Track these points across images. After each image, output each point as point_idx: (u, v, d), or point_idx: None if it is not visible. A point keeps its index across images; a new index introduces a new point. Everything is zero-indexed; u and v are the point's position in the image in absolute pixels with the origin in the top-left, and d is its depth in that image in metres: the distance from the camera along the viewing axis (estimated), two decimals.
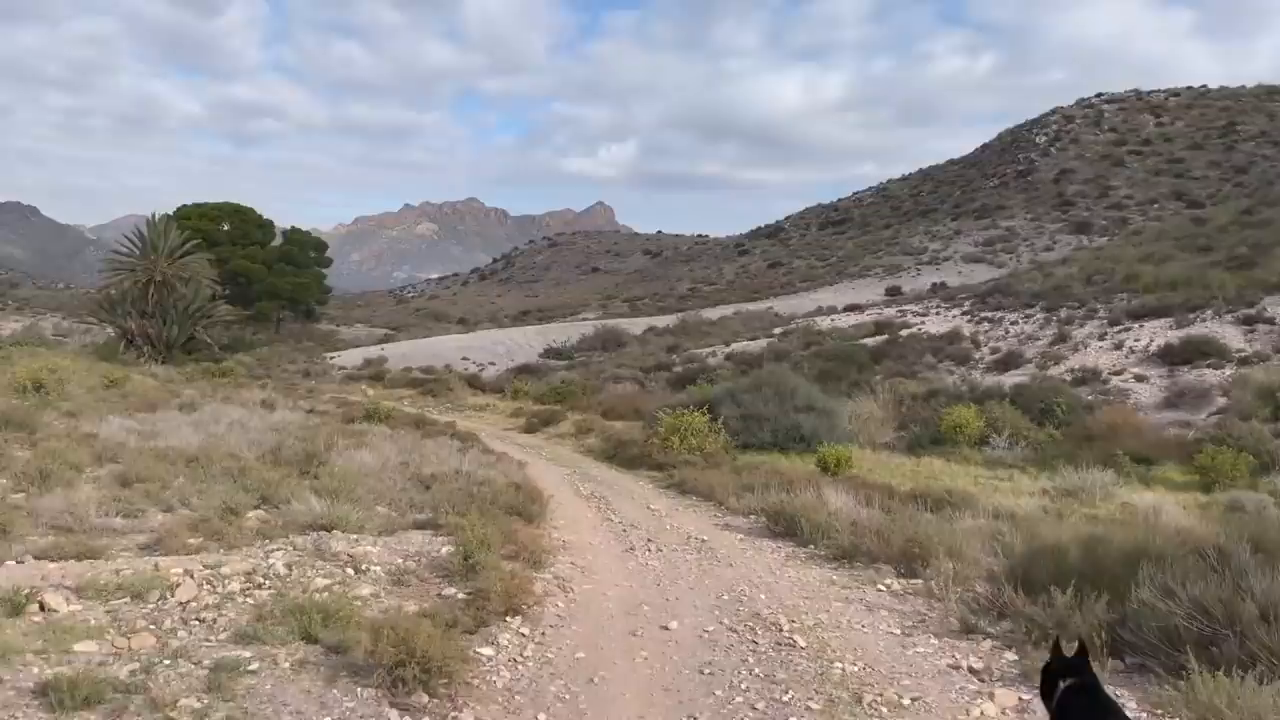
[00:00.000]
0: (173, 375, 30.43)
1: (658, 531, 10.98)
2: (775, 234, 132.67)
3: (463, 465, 14.58)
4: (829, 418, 23.34)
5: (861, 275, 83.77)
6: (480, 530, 7.15)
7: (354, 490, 10.27)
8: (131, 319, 45.69)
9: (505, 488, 11.71)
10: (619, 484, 16.72)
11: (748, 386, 24.06)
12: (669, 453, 19.59)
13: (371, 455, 14.49)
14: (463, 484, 12.33)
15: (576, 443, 23.65)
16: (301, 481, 10.35)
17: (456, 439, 20.01)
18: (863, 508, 13.30)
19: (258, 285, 71.85)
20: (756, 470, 18.01)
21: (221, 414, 19.79)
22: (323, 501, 8.86)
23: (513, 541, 7.97)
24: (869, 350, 34.83)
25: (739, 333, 47.95)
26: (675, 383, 34.44)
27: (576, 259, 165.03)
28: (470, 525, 7.35)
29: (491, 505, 9.45)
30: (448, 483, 12.37)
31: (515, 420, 28.35)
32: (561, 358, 47.35)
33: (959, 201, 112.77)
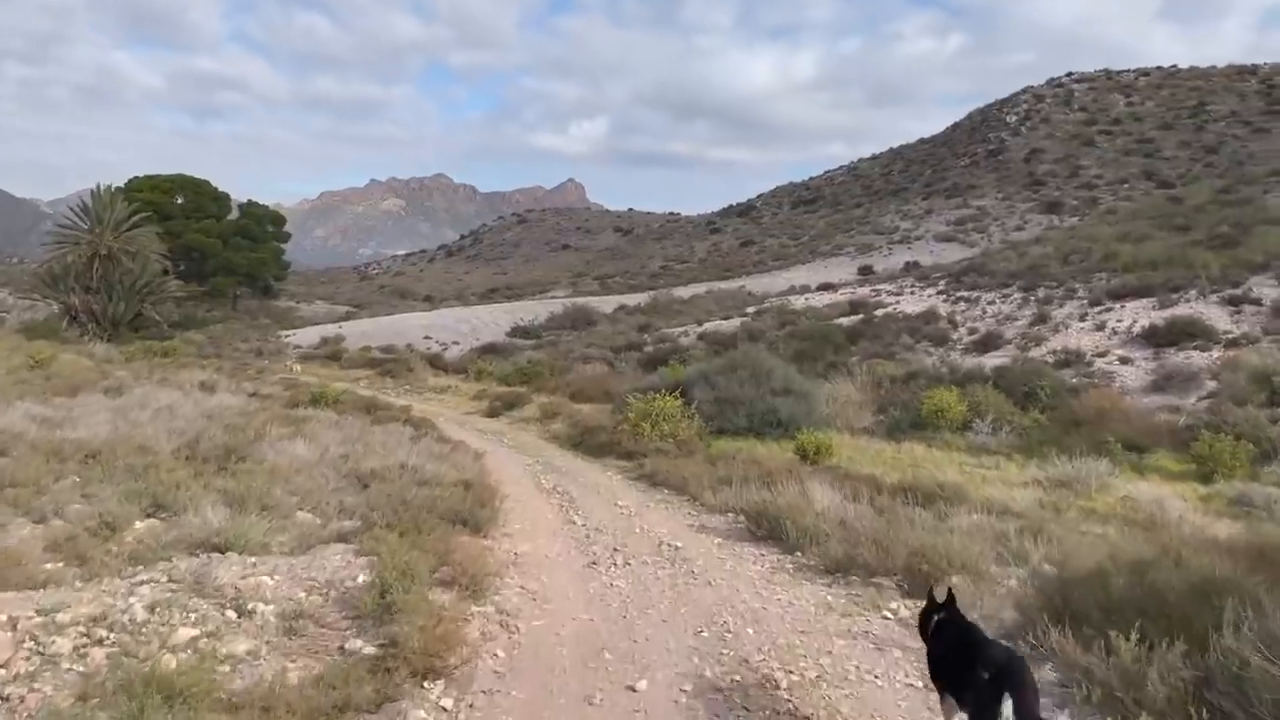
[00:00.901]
0: (112, 354, 28.64)
1: (626, 536, 9.70)
2: (747, 212, 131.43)
3: (411, 458, 13.19)
4: (807, 401, 22.18)
5: (834, 254, 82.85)
6: (403, 556, 5.81)
7: (272, 493, 8.89)
8: (75, 294, 43.54)
9: (454, 487, 10.36)
10: (585, 476, 15.42)
11: (722, 368, 22.80)
12: (639, 440, 18.30)
13: (307, 447, 13.06)
14: (406, 482, 10.97)
15: (542, 428, 22.31)
16: (212, 482, 8.93)
17: (410, 426, 18.59)
18: (850, 503, 12.15)
19: (212, 260, 69.44)
20: (733, 460, 16.78)
21: (152, 398, 18.22)
22: (227, 510, 7.48)
23: (450, 561, 6.64)
24: (845, 330, 33.73)
25: (712, 312, 46.72)
26: (646, 363, 33.16)
27: (546, 236, 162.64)
28: (391, 550, 6.01)
29: (431, 512, 8.09)
30: (389, 481, 10.99)
31: (478, 404, 26.93)
32: (529, 337, 45.83)
33: (930, 181, 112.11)
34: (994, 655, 4.03)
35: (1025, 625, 5.91)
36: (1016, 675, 3.84)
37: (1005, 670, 3.86)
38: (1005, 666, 3.89)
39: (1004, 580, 7.60)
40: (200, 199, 72.68)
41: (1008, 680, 3.79)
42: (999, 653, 4.08)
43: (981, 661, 3.95)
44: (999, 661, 3.93)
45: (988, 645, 4.18)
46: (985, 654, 4.04)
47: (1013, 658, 4.05)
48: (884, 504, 12.52)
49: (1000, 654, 4.06)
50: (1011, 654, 4.13)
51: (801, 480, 13.50)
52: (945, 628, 4.44)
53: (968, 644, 4.20)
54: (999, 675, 3.83)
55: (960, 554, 7.78)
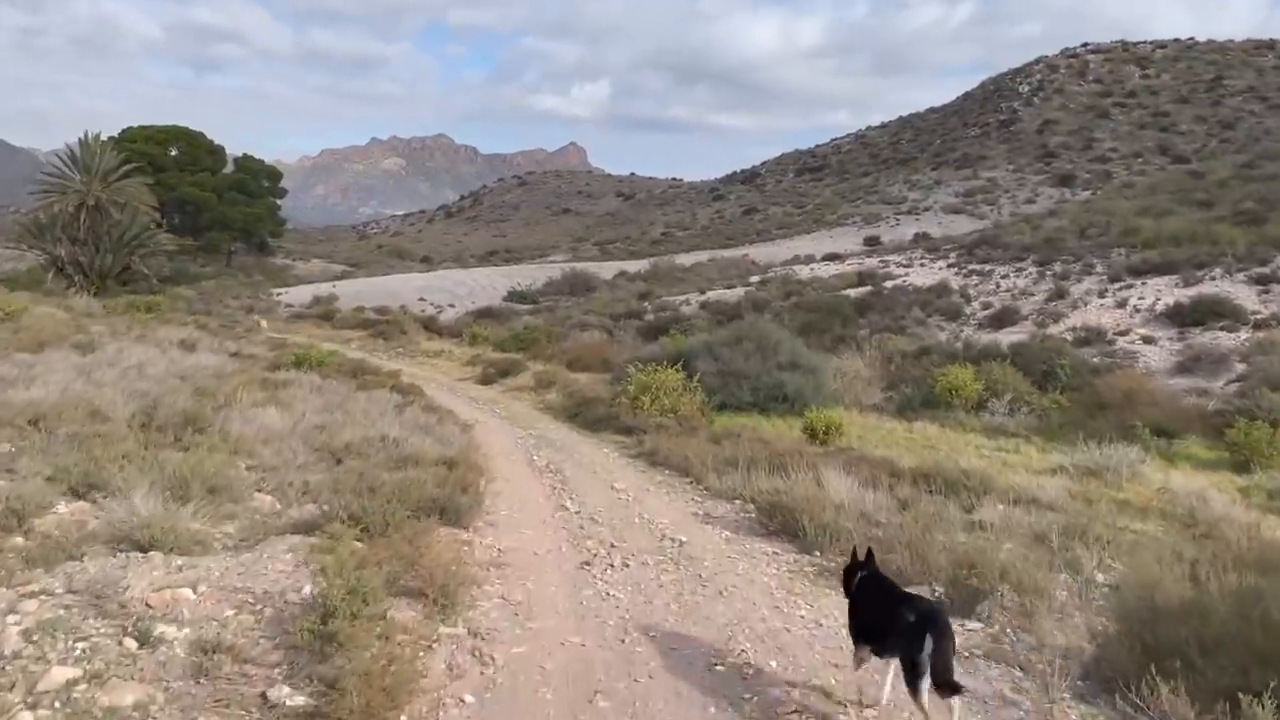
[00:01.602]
0: (93, 308, 27.50)
1: (624, 527, 8.67)
2: (751, 180, 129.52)
3: (393, 430, 12.16)
4: (814, 376, 21.15)
5: (839, 224, 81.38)
6: (354, 571, 4.75)
7: (228, 471, 7.83)
8: (62, 245, 42.24)
9: (435, 467, 9.30)
10: (580, 452, 14.39)
11: (726, 340, 21.73)
12: (638, 414, 17.27)
13: (281, 415, 12.01)
14: (384, 459, 9.92)
15: (536, 397, 21.26)
16: (161, 457, 7.87)
17: (397, 393, 17.53)
18: (868, 491, 11.15)
19: (207, 214, 67.99)
20: (737, 438, 15.76)
21: (124, 356, 17.15)
22: (166, 494, 6.42)
23: (419, 565, 5.59)
24: (853, 302, 32.57)
25: (714, 280, 45.49)
26: (646, 332, 32.04)
27: (547, 199, 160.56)
28: (339, 562, 4.96)
29: (404, 500, 7.03)
30: (365, 457, 9.95)
31: (471, 369, 25.87)
32: (526, 301, 44.60)
33: (939, 151, 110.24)
34: (918, 604, 4.48)
35: (1109, 664, 4.89)
36: (937, 621, 4.24)
37: (927, 616, 4.27)
38: (927, 613, 4.32)
39: (1061, 595, 6.58)
40: (195, 151, 71.06)
41: (929, 624, 4.18)
42: (922, 602, 4.55)
43: (908, 608, 4.38)
44: (922, 609, 4.36)
45: (912, 596, 4.66)
46: (911, 602, 4.49)
47: (934, 606, 4.54)
48: (906, 494, 11.54)
49: (923, 603, 4.52)
50: (934, 604, 4.69)
51: (815, 468, 12.49)
52: (868, 583, 4.86)
53: (893, 596, 4.64)
54: (921, 620, 4.22)
55: (1011, 564, 6.74)
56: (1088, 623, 5.91)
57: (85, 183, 42.57)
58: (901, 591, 4.78)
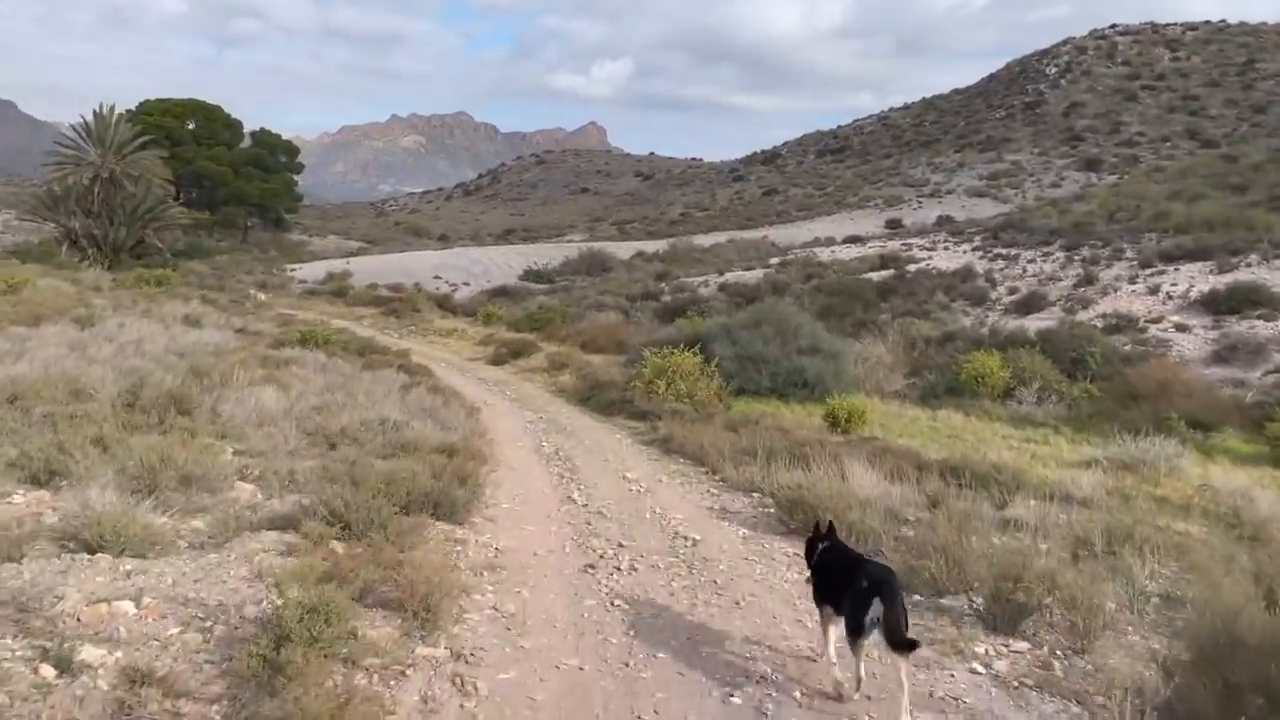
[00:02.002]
0: (102, 281, 27.09)
1: (634, 523, 8.08)
2: (771, 160, 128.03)
3: (395, 413, 11.61)
4: (835, 362, 20.47)
5: (860, 206, 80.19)
6: (315, 589, 4.16)
7: (208, 458, 7.28)
8: (76, 218, 41.93)
9: (434, 454, 8.73)
10: (592, 437, 13.80)
11: (745, 323, 21.06)
12: (653, 399, 16.66)
13: (277, 396, 11.47)
14: (380, 444, 9.37)
15: (548, 379, 20.68)
16: (136, 441, 7.33)
17: (403, 372, 17.00)
18: (893, 485, 10.54)
19: (223, 189, 67.63)
20: (755, 425, 15.14)
21: (125, 331, 16.69)
22: (130, 484, 5.87)
23: (400, 571, 5.01)
24: (875, 286, 31.77)
25: (733, 261, 44.70)
26: (663, 314, 31.37)
27: (566, 178, 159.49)
28: (300, 572, 4.38)
29: (395, 493, 6.47)
30: (360, 443, 9.40)
31: (483, 349, 25.31)
32: (542, 281, 43.98)
33: (963, 133, 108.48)
34: (871, 570, 4.75)
35: (1183, 703, 4.25)
36: (887, 585, 4.50)
37: (878, 581, 4.52)
38: (878, 579, 4.56)
39: (1109, 606, 5.94)
40: (212, 125, 70.66)
41: (880, 589, 4.44)
42: (875, 569, 4.80)
43: (863, 574, 4.66)
44: (874, 576, 4.61)
45: (868, 562, 4.93)
46: (865, 569, 4.75)
47: (887, 573, 4.74)
48: (934, 489, 10.91)
49: (876, 570, 4.77)
50: (886, 570, 4.81)
51: (837, 456, 11.87)
52: (829, 553, 5.18)
53: (850, 563, 4.90)
54: (873, 585, 4.49)
55: (1057, 574, 6.09)
56: (1146, 643, 5.28)
57: (100, 155, 42.19)
58: (856, 558, 5.05)
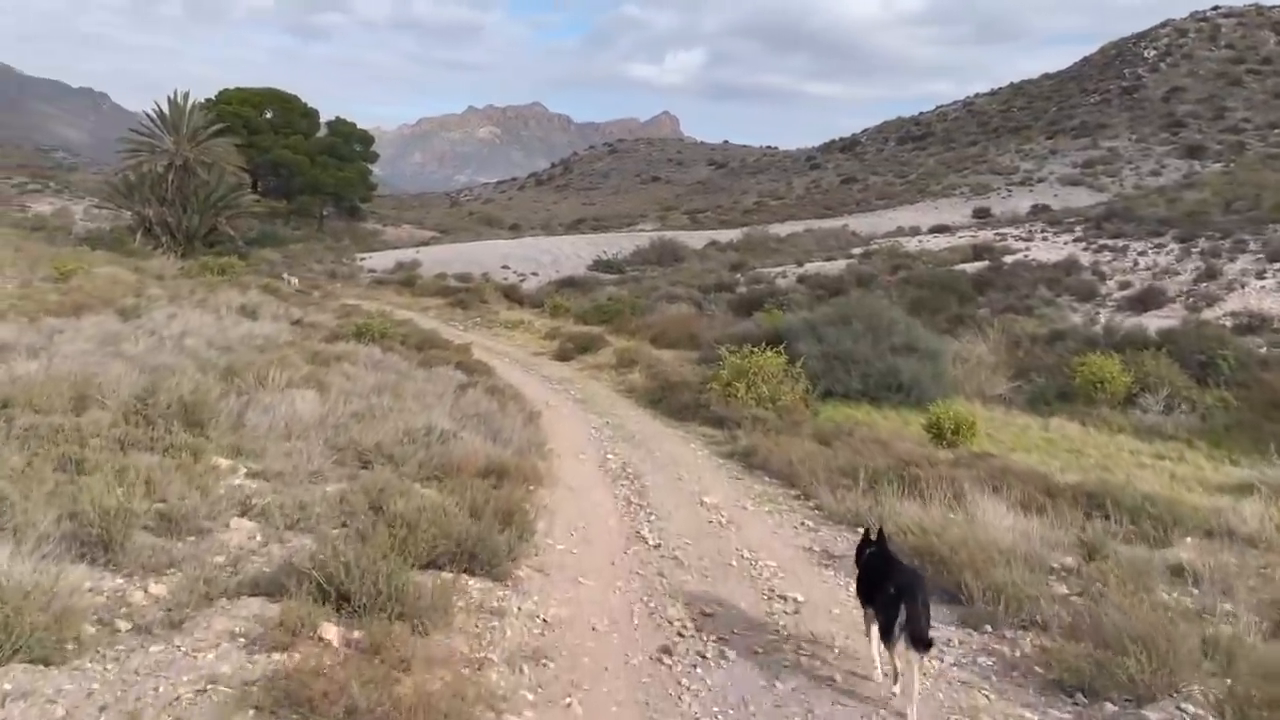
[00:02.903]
0: (167, 269, 26.54)
1: (719, 575, 6.53)
2: (850, 148, 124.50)
3: (444, 420, 10.23)
4: (933, 362, 18.56)
5: (945, 194, 76.83)
6: None
7: (208, 483, 5.96)
8: (150, 206, 41.98)
9: (479, 479, 7.29)
10: (664, 449, 12.26)
11: (831, 318, 19.28)
12: (731, 403, 15.05)
13: (314, 400, 10.20)
14: (422, 462, 7.98)
15: (616, 377, 19.20)
16: (119, 465, 6.04)
17: (462, 370, 15.72)
18: (1029, 520, 8.84)
19: (299, 177, 67.85)
20: (849, 437, 13.42)
21: (172, 323, 15.76)
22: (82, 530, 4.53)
23: (399, 688, 3.55)
24: (970, 278, 29.51)
25: (812, 251, 42.62)
26: (738, 306, 29.63)
27: (637, 167, 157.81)
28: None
29: (416, 545, 5.02)
30: (397, 462, 8.01)
31: (549, 343, 23.97)
32: (611, 271, 42.51)
33: (1054, 119, 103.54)
34: (899, 576, 5.12)
35: None
36: (912, 591, 4.87)
37: (905, 587, 4.89)
38: (905, 584, 4.94)
39: None
40: (289, 114, 70.97)
41: (905, 594, 4.82)
42: (904, 574, 5.16)
43: (891, 579, 5.06)
44: (901, 581, 4.99)
45: (899, 569, 5.25)
46: (895, 574, 5.13)
47: (914, 578, 5.11)
48: (1074, 520, 9.14)
49: (904, 575, 5.13)
50: (914, 575, 5.19)
51: (952, 481, 10.13)
52: (873, 556, 5.52)
53: (885, 568, 5.26)
54: (900, 590, 4.88)
55: None
56: None
57: (174, 142, 42.14)
58: (894, 566, 5.27)
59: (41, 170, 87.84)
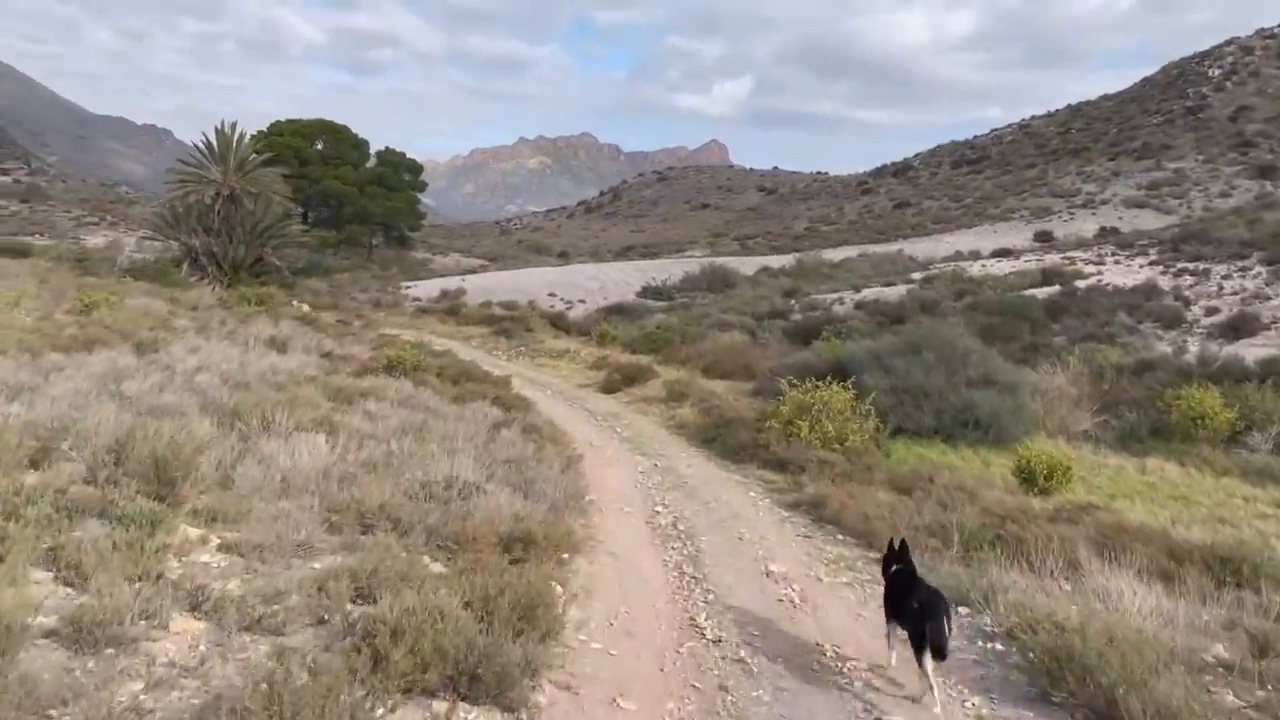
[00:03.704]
0: (203, 300, 25.86)
1: (798, 687, 5.11)
2: (903, 172, 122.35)
3: (468, 469, 8.95)
4: (1013, 396, 16.87)
5: (1004, 218, 74.62)
6: None
7: (155, 566, 4.73)
8: (196, 236, 41.80)
9: (499, 550, 5.97)
10: (719, 497, 10.84)
11: (900, 347, 17.73)
12: (793, 443, 13.58)
13: (324, 446, 8.99)
14: (432, 528, 6.68)
15: (666, 412, 17.83)
16: (56, 538, 4.84)
17: (498, 406, 14.47)
18: (1157, 591, 7.28)
19: (349, 207, 67.99)
20: (929, 485, 11.86)
21: (191, 357, 14.77)
22: None
23: None
24: (1042, 304, 27.67)
25: (868, 277, 40.97)
26: (794, 334, 28.16)
27: (687, 194, 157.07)
28: None
29: (398, 667, 3.70)
30: (405, 528, 6.71)
31: (595, 374, 22.71)
32: (661, 298, 41.31)
33: (1116, 140, 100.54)
34: (922, 593, 5.51)
35: None
36: (934, 607, 5.33)
37: (928, 604, 5.34)
38: (928, 601, 5.38)
39: None
40: (339, 145, 71.39)
41: (928, 609, 5.29)
42: (926, 592, 5.54)
43: (915, 596, 5.47)
44: (924, 598, 5.42)
45: (922, 586, 5.62)
46: (918, 591, 5.52)
47: (935, 596, 5.50)
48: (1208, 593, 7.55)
49: (927, 593, 5.52)
50: (935, 593, 5.57)
51: (1064, 542, 8.59)
52: (899, 574, 5.87)
53: (910, 585, 5.65)
54: (924, 606, 5.33)
55: None
56: None
57: (222, 172, 41.98)
58: (917, 583, 5.66)
59: (102, 204, 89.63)
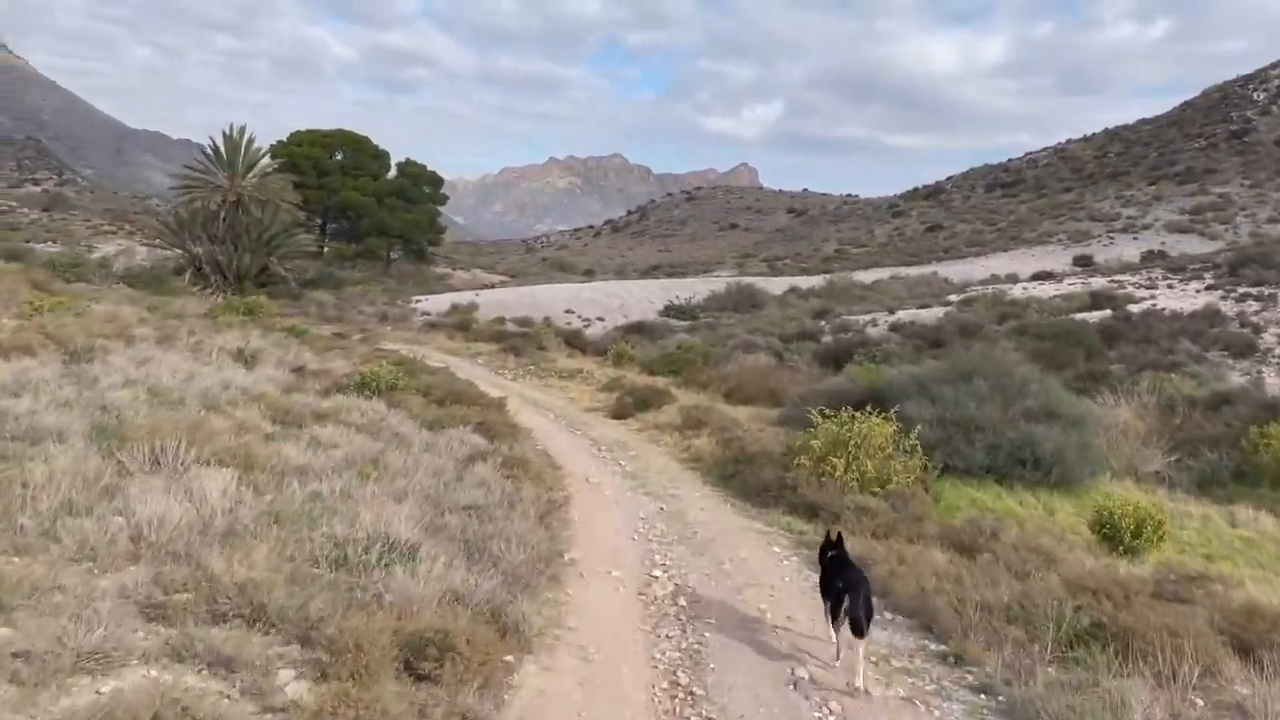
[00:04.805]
0: (187, 308, 24.11)
1: None
2: (934, 195, 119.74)
3: (402, 523, 6.88)
4: (1078, 431, 14.59)
5: (1040, 241, 71.94)
6: None
7: None
8: (201, 244, 40.33)
9: (390, 663, 3.87)
10: (737, 556, 8.71)
11: (948, 373, 15.50)
12: (827, 483, 11.41)
13: (220, 487, 6.96)
14: (304, 623, 4.61)
15: (680, 442, 15.66)
16: None
17: (481, 433, 12.44)
18: None
19: (366, 220, 66.52)
20: (995, 541, 9.64)
21: (130, 369, 12.87)
22: None
23: None
24: (1096, 329, 25.29)
25: (903, 299, 38.67)
26: (825, 357, 25.94)
27: (715, 215, 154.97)
28: None
29: None
30: (269, 615, 4.64)
31: (606, 396, 20.62)
32: (684, 317, 39.19)
33: (1156, 164, 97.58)
34: (849, 574, 6.29)
35: None
36: (856, 587, 6.10)
37: (851, 582, 6.14)
38: (852, 580, 6.18)
39: None
40: (360, 156, 69.98)
41: (850, 589, 6.08)
42: (852, 572, 6.31)
43: (840, 578, 6.28)
44: (849, 578, 6.21)
45: (850, 570, 6.38)
46: (844, 573, 6.31)
47: (859, 577, 6.25)
48: None
49: (853, 573, 6.30)
50: (859, 574, 6.33)
51: (1181, 636, 6.40)
52: (834, 559, 6.62)
53: (839, 567, 6.45)
54: (846, 586, 6.13)
55: None
56: None
57: (228, 178, 40.53)
58: (846, 566, 6.46)
59: (125, 214, 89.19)
